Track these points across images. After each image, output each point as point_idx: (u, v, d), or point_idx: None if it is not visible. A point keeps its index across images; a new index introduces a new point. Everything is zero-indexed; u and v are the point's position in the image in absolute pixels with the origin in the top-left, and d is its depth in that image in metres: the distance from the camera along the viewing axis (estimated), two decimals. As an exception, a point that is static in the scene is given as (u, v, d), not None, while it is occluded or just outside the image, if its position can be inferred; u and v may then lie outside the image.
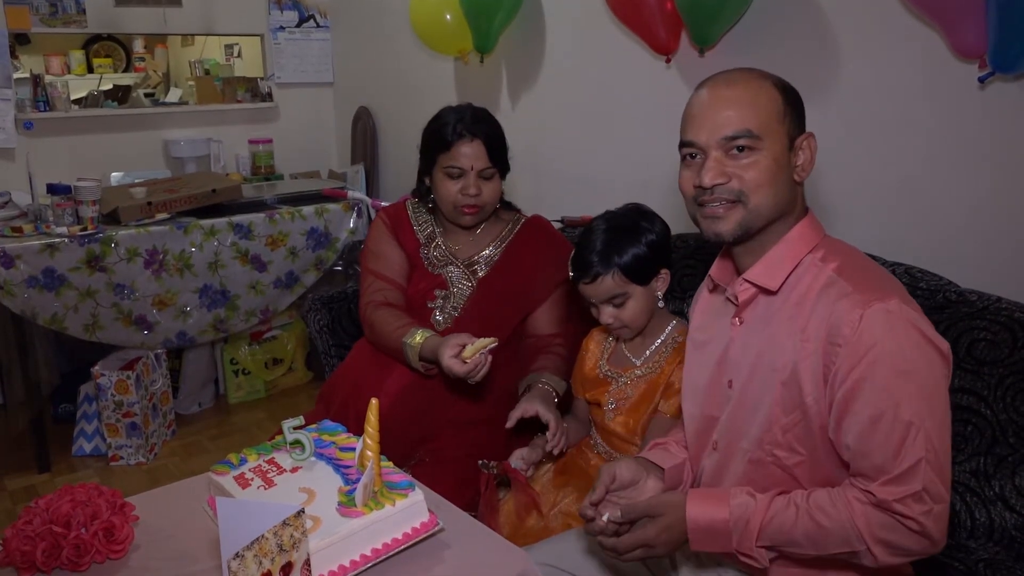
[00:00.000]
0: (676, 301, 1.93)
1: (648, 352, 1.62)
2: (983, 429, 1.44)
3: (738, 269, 1.23)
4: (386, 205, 2.20)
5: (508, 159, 1.85)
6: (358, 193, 3.28)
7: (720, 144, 1.13)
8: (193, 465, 2.85)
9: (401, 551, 1.10)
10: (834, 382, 1.08)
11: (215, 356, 3.35)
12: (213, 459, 2.46)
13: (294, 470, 1.22)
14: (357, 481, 1.11)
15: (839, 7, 1.86)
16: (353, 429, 1.31)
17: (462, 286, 1.86)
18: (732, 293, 1.22)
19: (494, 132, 1.80)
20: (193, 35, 4.71)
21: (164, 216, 2.83)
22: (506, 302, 1.85)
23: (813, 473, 1.15)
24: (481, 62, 2.79)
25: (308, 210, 3.11)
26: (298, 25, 3.92)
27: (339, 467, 1.21)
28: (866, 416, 1.05)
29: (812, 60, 1.91)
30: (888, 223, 1.84)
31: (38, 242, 2.57)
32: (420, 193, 1.94)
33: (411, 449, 1.76)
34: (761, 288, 1.18)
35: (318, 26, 3.97)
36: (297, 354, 3.52)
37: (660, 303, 1.60)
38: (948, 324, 1.51)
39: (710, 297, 1.33)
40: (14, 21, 3.19)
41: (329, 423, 1.35)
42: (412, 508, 1.12)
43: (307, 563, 0.98)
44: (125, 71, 4.84)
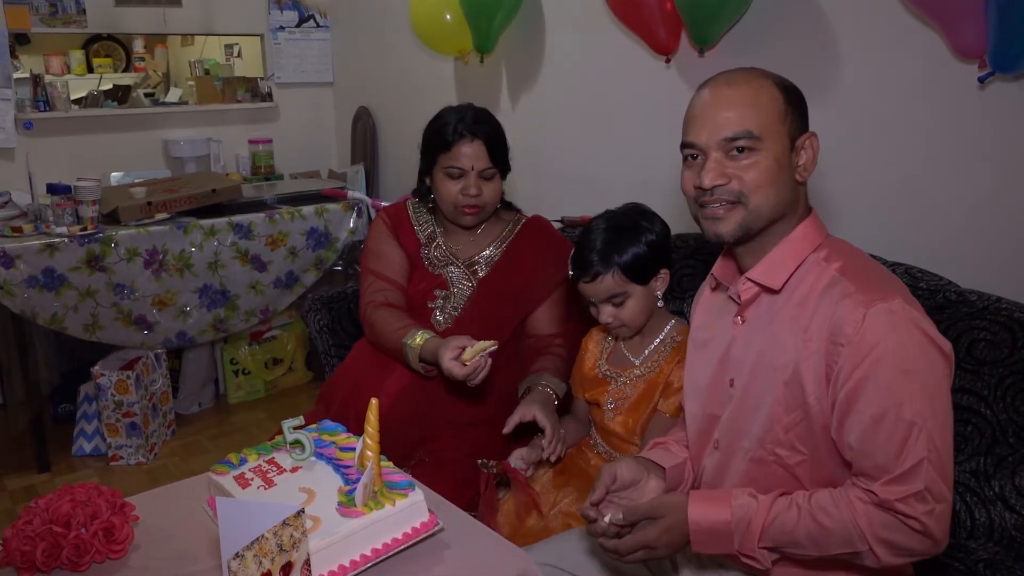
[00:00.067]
0: (676, 301, 1.93)
1: (647, 352, 1.62)
2: (983, 429, 1.44)
3: (741, 268, 1.23)
4: (386, 205, 2.20)
5: (509, 159, 1.85)
6: (358, 193, 3.28)
7: (720, 145, 1.13)
8: (193, 465, 2.85)
9: (401, 551, 1.10)
10: (836, 381, 1.08)
11: (215, 356, 3.35)
12: (213, 459, 2.46)
13: (294, 470, 1.22)
14: (357, 481, 1.11)
15: (839, 7, 1.86)
16: (353, 429, 1.31)
17: (462, 286, 1.86)
18: (735, 292, 1.23)
19: (495, 132, 1.80)
20: (193, 35, 4.71)
21: (164, 216, 2.83)
22: (506, 302, 1.85)
23: (814, 472, 1.15)
24: (481, 62, 2.79)
25: (308, 210, 3.11)
26: (298, 25, 3.92)
27: (339, 467, 1.21)
28: (869, 415, 1.05)
29: (812, 60, 1.91)
30: (888, 223, 1.84)
31: (38, 242, 2.57)
32: (421, 193, 1.94)
33: (411, 449, 1.76)
34: (763, 287, 1.18)
35: (318, 26, 3.97)
36: (297, 354, 3.52)
37: (660, 303, 1.60)
38: (948, 324, 1.51)
39: (712, 296, 1.33)
40: (14, 21, 3.19)
41: (329, 423, 1.35)
42: (412, 508, 1.12)
43: (307, 563, 0.98)
44: (125, 71, 4.84)
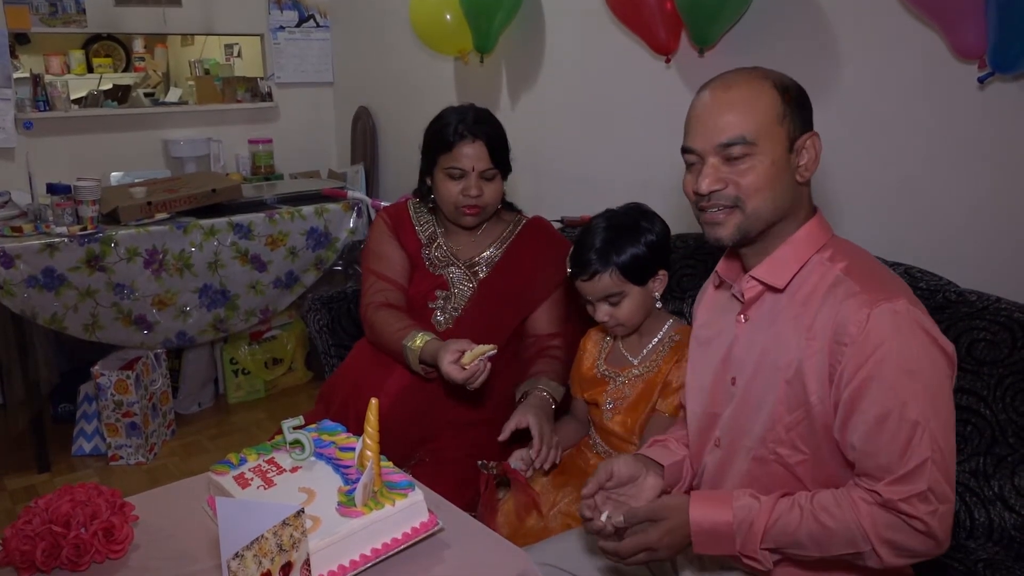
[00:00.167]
0: (676, 301, 1.93)
1: (645, 351, 1.62)
2: (983, 429, 1.44)
3: (745, 267, 1.23)
4: (387, 205, 2.19)
5: (510, 160, 1.85)
6: (358, 193, 3.28)
7: (716, 150, 1.13)
8: (193, 465, 2.84)
9: (401, 551, 1.10)
10: (840, 381, 1.08)
11: (215, 356, 3.35)
12: (213, 459, 2.46)
13: (294, 470, 1.22)
14: (357, 481, 1.10)
15: (839, 7, 1.86)
16: (353, 429, 1.31)
17: (463, 287, 1.86)
18: (738, 290, 1.23)
19: (496, 133, 1.80)
20: (193, 35, 4.71)
21: (164, 216, 2.83)
22: (507, 303, 1.85)
23: (816, 472, 1.15)
24: (481, 62, 2.79)
25: (308, 210, 3.11)
26: (298, 25, 3.92)
27: (339, 467, 1.21)
28: (872, 415, 1.05)
29: (812, 60, 1.91)
30: (888, 223, 1.84)
31: (38, 242, 2.57)
32: (422, 193, 1.93)
33: (411, 449, 1.76)
34: (767, 286, 1.18)
35: (318, 26, 3.97)
36: (297, 354, 3.52)
37: (658, 304, 1.60)
38: (948, 324, 1.51)
39: (716, 293, 1.33)
40: (14, 21, 3.19)
41: (329, 423, 1.35)
42: (412, 508, 1.12)
43: (307, 563, 0.98)
44: (125, 71, 4.84)
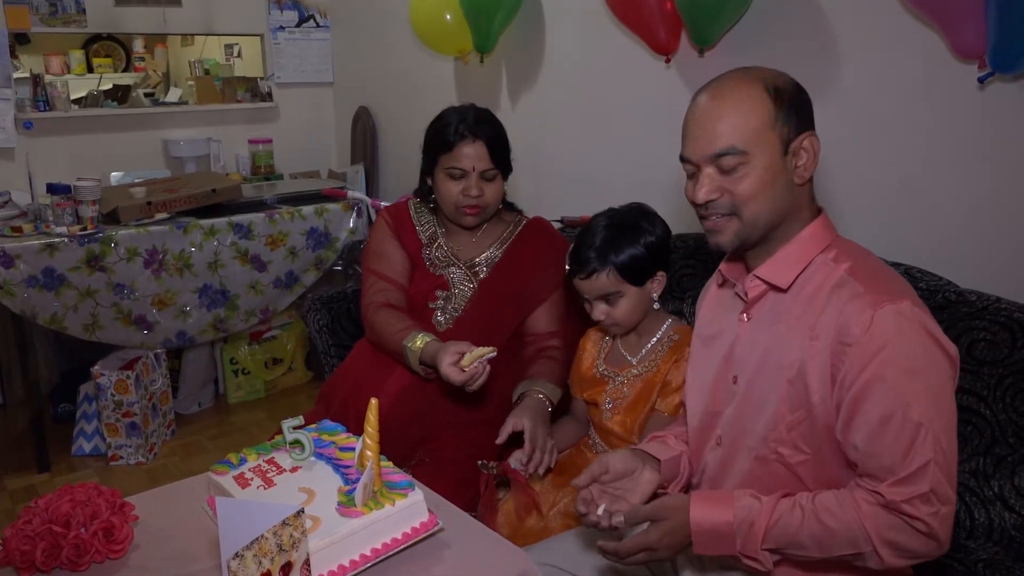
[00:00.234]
0: (675, 301, 1.93)
1: (644, 351, 1.62)
2: (982, 429, 1.44)
3: (748, 267, 1.23)
4: (387, 205, 2.19)
5: (511, 160, 1.85)
6: (358, 193, 3.28)
7: (710, 161, 1.14)
8: (193, 465, 2.85)
9: (401, 551, 1.10)
10: (843, 382, 1.08)
11: (215, 356, 3.35)
12: (213, 459, 2.46)
13: (294, 470, 1.22)
14: (357, 481, 1.10)
15: (839, 7, 1.86)
16: (353, 429, 1.31)
17: (463, 287, 1.86)
18: (742, 289, 1.23)
19: (496, 133, 1.80)
20: (193, 35, 4.71)
21: (164, 216, 2.83)
22: (507, 303, 1.85)
23: (817, 472, 1.15)
24: (481, 62, 2.79)
25: (308, 210, 3.11)
26: (298, 25, 3.92)
27: (339, 467, 1.21)
28: (876, 416, 1.05)
29: (812, 60, 1.91)
30: (888, 223, 1.84)
31: (38, 242, 2.57)
32: (422, 193, 1.93)
33: (411, 449, 1.76)
34: (771, 285, 1.19)
35: (318, 26, 3.97)
36: (297, 354, 3.52)
37: (656, 305, 1.60)
38: (948, 324, 1.50)
39: (719, 292, 1.33)
40: (14, 21, 3.19)
41: (329, 423, 1.35)
42: (412, 508, 1.12)
43: (307, 563, 0.98)
44: (125, 71, 4.84)
